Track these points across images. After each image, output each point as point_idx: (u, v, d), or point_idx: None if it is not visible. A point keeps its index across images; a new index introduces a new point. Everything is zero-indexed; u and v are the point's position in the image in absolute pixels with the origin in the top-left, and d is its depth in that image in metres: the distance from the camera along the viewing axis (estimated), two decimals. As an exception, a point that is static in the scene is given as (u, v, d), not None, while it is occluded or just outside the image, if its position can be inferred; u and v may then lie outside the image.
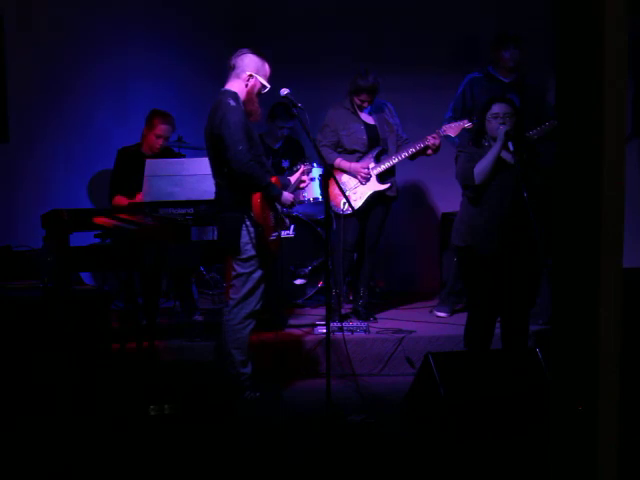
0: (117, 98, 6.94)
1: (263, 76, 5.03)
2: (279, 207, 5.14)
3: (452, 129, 6.14)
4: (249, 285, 5.06)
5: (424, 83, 7.13)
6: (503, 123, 5.01)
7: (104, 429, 4.28)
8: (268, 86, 5.04)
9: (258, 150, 5.06)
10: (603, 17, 2.46)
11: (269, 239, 5.03)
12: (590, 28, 2.49)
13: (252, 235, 4.99)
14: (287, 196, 5.15)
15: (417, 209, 7.66)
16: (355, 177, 6.21)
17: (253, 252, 5.01)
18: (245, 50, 5.04)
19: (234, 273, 5.08)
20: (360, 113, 6.28)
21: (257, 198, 4.96)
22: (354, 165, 6.21)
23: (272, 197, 5.05)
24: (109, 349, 4.62)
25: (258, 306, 5.12)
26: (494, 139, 5.05)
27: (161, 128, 6.19)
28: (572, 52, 2.56)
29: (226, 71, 5.05)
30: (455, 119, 6.34)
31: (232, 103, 4.92)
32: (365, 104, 6.23)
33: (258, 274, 5.06)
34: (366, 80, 6.12)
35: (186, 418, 4.52)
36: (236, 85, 5.02)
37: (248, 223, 4.97)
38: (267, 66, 5.06)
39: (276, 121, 6.76)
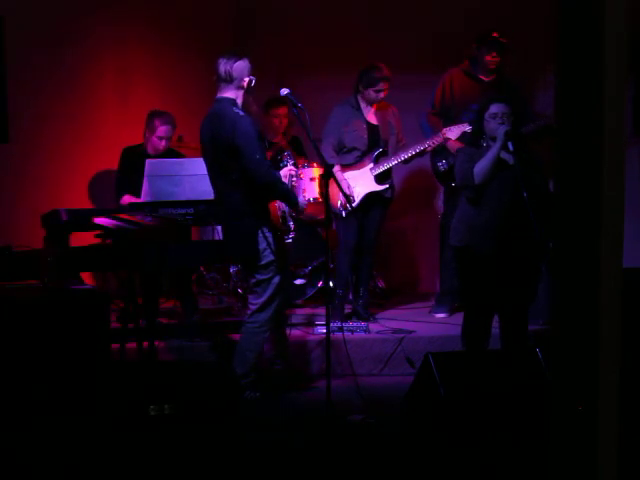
0: (117, 98, 6.93)
1: (252, 74, 5.02)
2: (285, 211, 5.13)
3: (452, 132, 6.15)
4: (270, 290, 5.05)
5: (425, 82, 7.13)
6: (502, 123, 5.00)
7: (104, 429, 4.27)
8: (254, 78, 5.01)
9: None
10: (603, 17, 2.46)
11: (285, 242, 5.07)
12: (590, 28, 2.49)
13: (269, 240, 4.98)
14: (302, 201, 5.17)
15: (417, 209, 7.66)
16: (352, 179, 6.22)
17: (272, 257, 5.01)
18: (232, 58, 4.97)
19: (253, 280, 5.08)
20: (365, 110, 6.27)
21: (274, 203, 4.98)
22: (344, 184, 6.13)
23: (292, 204, 5.05)
24: (109, 349, 4.61)
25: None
26: (493, 139, 5.03)
27: (162, 129, 6.14)
28: (572, 52, 2.56)
29: (218, 79, 5.00)
30: (434, 114, 6.42)
31: (240, 112, 4.92)
32: (381, 94, 6.19)
33: (277, 279, 5.06)
34: (381, 71, 6.13)
35: (186, 418, 4.51)
36: (234, 93, 4.99)
37: (265, 229, 4.97)
38: (248, 61, 5.01)
39: (269, 112, 6.72)
